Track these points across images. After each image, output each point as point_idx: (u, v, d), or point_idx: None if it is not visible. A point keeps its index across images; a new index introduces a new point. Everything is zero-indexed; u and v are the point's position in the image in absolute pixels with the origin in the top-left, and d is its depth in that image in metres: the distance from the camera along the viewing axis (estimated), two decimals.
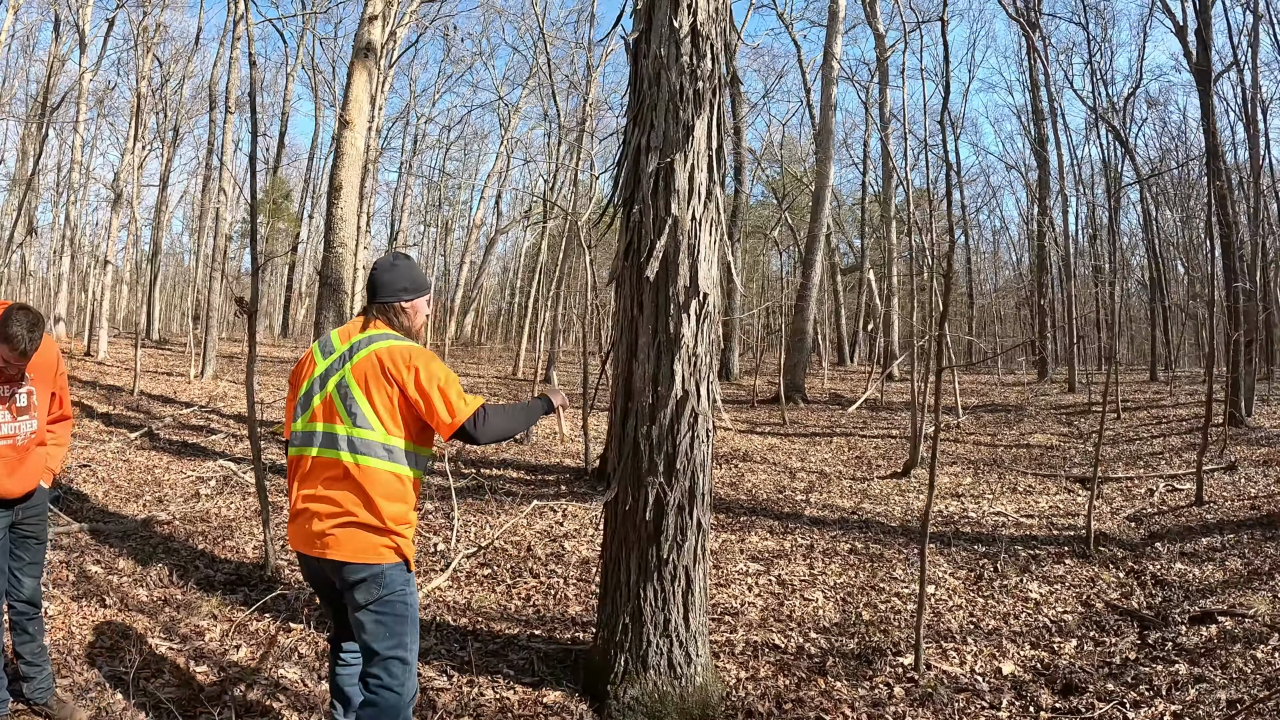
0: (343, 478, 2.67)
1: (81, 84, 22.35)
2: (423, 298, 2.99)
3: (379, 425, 2.68)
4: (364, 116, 8.04)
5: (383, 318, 2.90)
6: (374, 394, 2.69)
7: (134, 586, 4.80)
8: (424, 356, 2.77)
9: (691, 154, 3.37)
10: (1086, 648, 4.49)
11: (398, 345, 2.76)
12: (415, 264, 3.03)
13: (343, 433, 2.69)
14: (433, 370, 2.74)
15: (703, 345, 3.45)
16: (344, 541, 2.63)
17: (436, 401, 2.70)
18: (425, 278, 3.05)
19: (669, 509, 3.33)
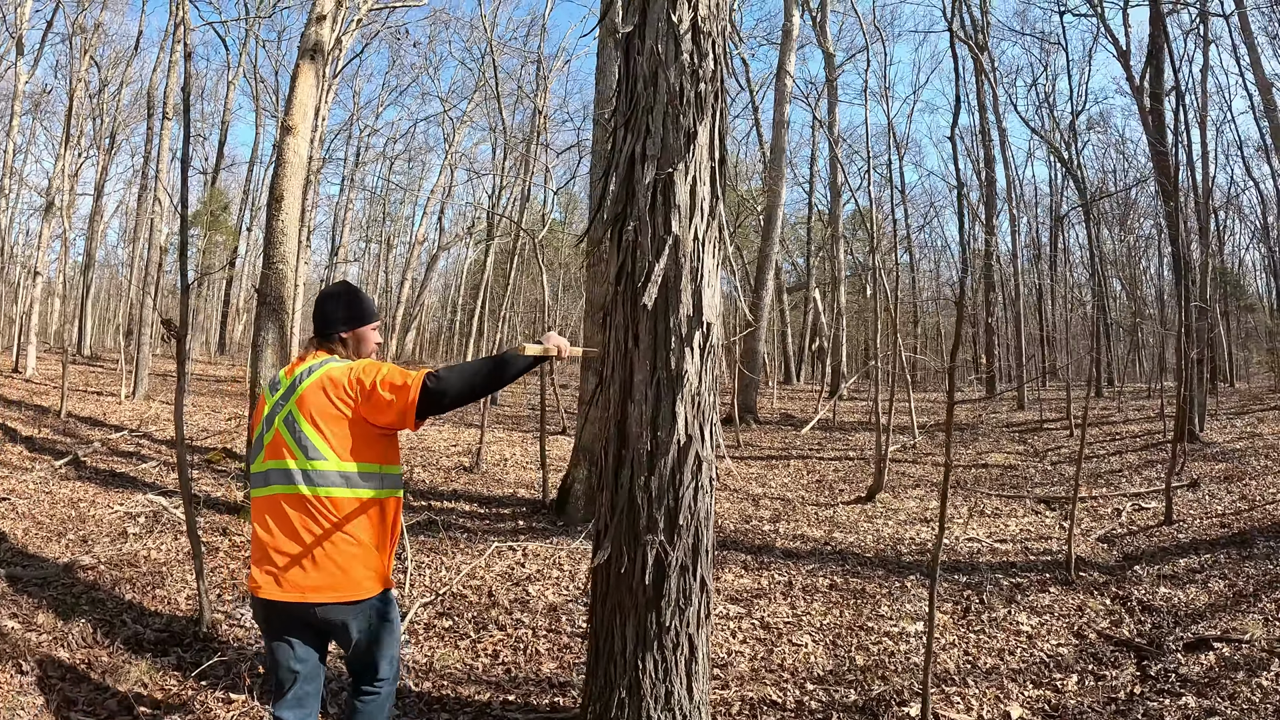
0: (306, 512, 2.62)
1: (17, 86, 21.32)
2: (367, 326, 2.97)
3: (331, 454, 2.63)
4: (308, 122, 7.54)
5: (325, 349, 2.90)
6: (321, 423, 2.65)
7: (54, 646, 4.23)
8: (364, 361, 2.82)
9: (693, 165, 2.97)
10: (1088, 683, 4.34)
11: (338, 365, 2.76)
12: (358, 292, 3.02)
13: (295, 467, 2.63)
14: (370, 365, 2.75)
15: (706, 383, 3.05)
16: (316, 581, 2.60)
17: (382, 389, 2.65)
18: (369, 306, 3.01)
19: (671, 570, 2.91)
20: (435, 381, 2.66)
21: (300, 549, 2.59)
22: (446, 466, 10.89)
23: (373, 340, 2.98)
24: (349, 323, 2.91)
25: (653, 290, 2.91)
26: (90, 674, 3.95)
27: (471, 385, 2.75)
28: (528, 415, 18.67)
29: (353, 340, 2.92)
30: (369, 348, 2.97)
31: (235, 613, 4.94)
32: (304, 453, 2.63)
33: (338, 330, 2.89)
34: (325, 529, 2.61)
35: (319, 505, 2.61)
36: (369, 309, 2.98)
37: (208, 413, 15.15)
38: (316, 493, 2.61)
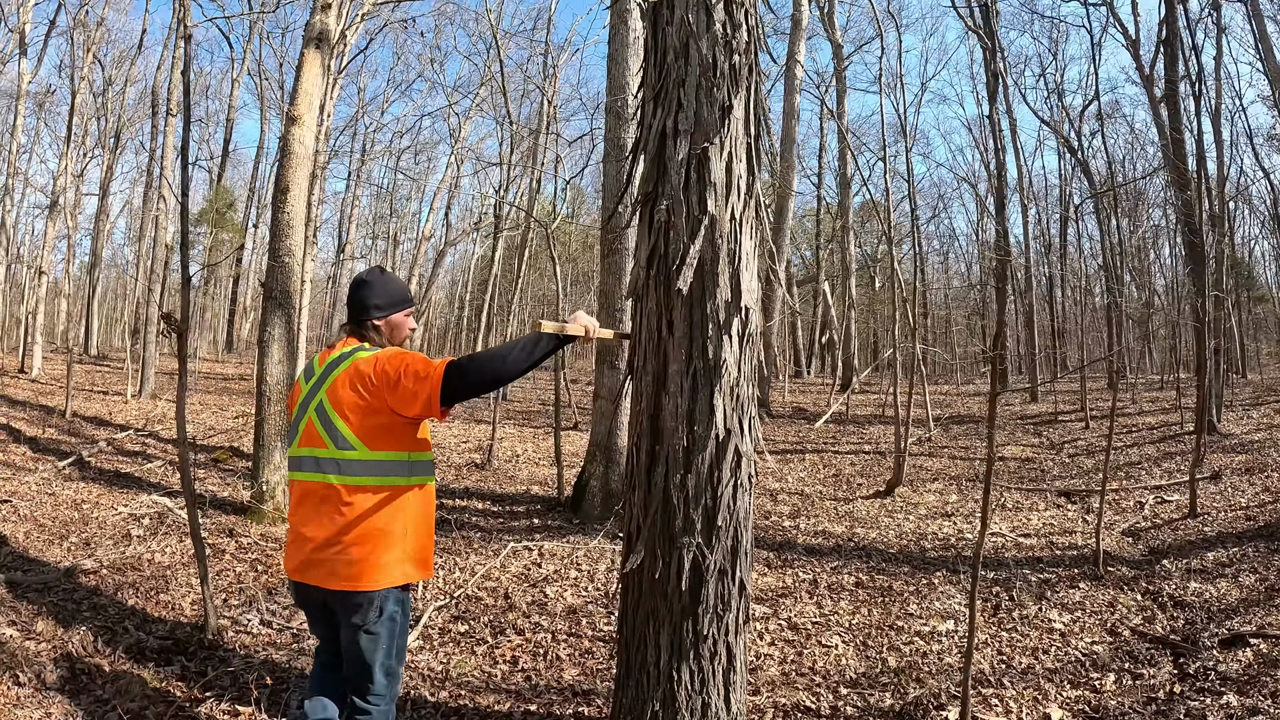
0: (331, 501, 2.61)
1: (20, 86, 21.20)
2: (400, 312, 2.89)
3: (360, 444, 2.60)
4: (314, 113, 7.35)
5: (357, 336, 2.83)
6: (349, 413, 2.61)
7: (54, 655, 4.04)
8: (389, 351, 2.72)
9: (729, 140, 2.76)
10: (1126, 682, 4.21)
11: (365, 355, 2.68)
12: (391, 278, 2.92)
13: (326, 456, 2.63)
14: (395, 355, 2.66)
15: (745, 373, 2.86)
16: (337, 569, 2.58)
17: (406, 379, 2.57)
18: (402, 291, 2.91)
19: (709, 575, 2.72)
20: (458, 370, 2.55)
21: (325, 535, 2.58)
22: (458, 464, 10.74)
23: (406, 327, 2.91)
24: (381, 310, 2.84)
25: (688, 274, 2.71)
26: (91, 685, 3.77)
27: (496, 371, 2.60)
28: (539, 410, 18.51)
29: (386, 327, 2.85)
30: (402, 334, 2.90)
31: (242, 618, 4.75)
32: (333, 442, 2.61)
33: (370, 317, 2.82)
34: (351, 517, 2.58)
35: (347, 493, 2.59)
36: (402, 294, 2.89)
37: (215, 411, 15.02)
38: (345, 482, 2.59)
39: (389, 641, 2.68)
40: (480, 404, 19.62)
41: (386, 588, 2.62)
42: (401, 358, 2.62)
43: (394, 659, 2.72)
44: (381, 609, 2.63)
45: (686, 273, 2.72)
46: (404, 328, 2.90)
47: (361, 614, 2.61)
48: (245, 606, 4.98)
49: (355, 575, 2.57)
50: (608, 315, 7.83)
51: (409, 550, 2.67)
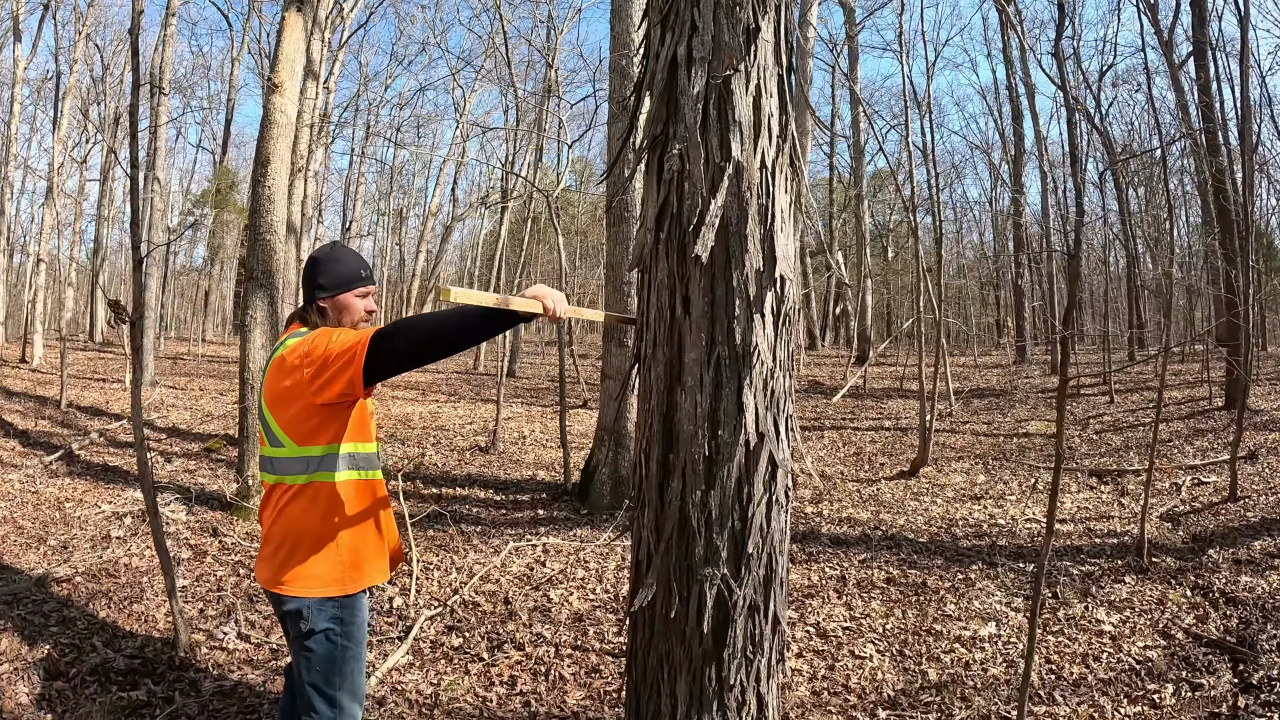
0: (275, 502, 2.42)
1: (16, 72, 20.76)
2: (349, 291, 2.54)
3: (288, 440, 2.38)
4: (296, 80, 6.85)
5: (301, 321, 2.55)
6: (279, 406, 2.38)
7: (14, 679, 3.65)
8: (315, 332, 2.41)
9: (756, 71, 2.21)
10: (1185, 694, 3.83)
11: (293, 341, 2.41)
12: (342, 254, 2.60)
13: (267, 454, 2.45)
14: (321, 335, 2.35)
15: (781, 361, 2.31)
16: (272, 573, 2.38)
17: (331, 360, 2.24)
18: (354, 267, 2.57)
19: (736, 613, 2.20)
20: (383, 340, 2.17)
21: (267, 535, 2.42)
22: (461, 447, 10.35)
23: (358, 309, 2.56)
24: (325, 290, 2.51)
25: (709, 236, 2.16)
26: (48, 716, 3.37)
27: (426, 344, 2.18)
28: (548, 388, 18.10)
29: (332, 309, 2.52)
30: (353, 317, 2.55)
31: (218, 631, 4.33)
32: (269, 439, 2.43)
33: (313, 298, 2.52)
34: (276, 517, 2.40)
35: (279, 493, 2.41)
36: (350, 273, 2.54)
37: (214, 396, 14.66)
38: (281, 480, 2.40)
39: (325, 665, 2.36)
40: (488, 381, 19.22)
41: (312, 597, 2.34)
42: (328, 336, 2.30)
43: (336, 687, 2.38)
44: (308, 622, 2.34)
45: (707, 235, 2.17)
46: (354, 310, 2.55)
47: (291, 623, 2.37)
48: (223, 617, 4.57)
49: (278, 578, 2.35)
50: (615, 290, 7.36)
51: (342, 558, 2.39)
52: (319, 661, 2.34)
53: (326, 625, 2.34)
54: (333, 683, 2.36)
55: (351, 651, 2.40)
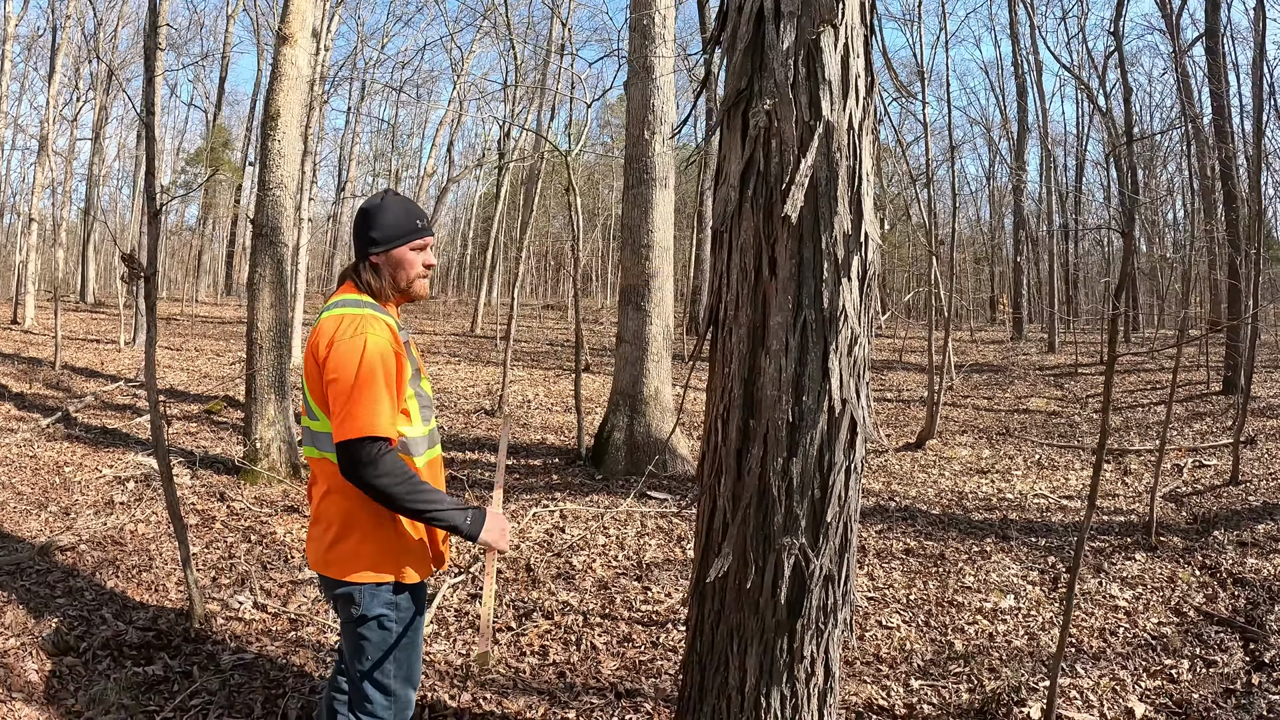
0: (320, 480, 2.23)
1: (6, 29, 20.34)
2: (401, 246, 2.27)
3: (322, 414, 2.15)
4: (307, 30, 6.68)
5: (353, 279, 2.28)
6: (312, 377, 2.16)
7: (21, 655, 3.50)
8: (350, 334, 2.07)
9: (844, 29, 2.11)
10: (1199, 669, 3.89)
11: (334, 315, 2.15)
12: (397, 202, 2.30)
13: (309, 426, 2.22)
14: (347, 354, 2.05)
15: (865, 327, 2.25)
16: (322, 553, 2.19)
17: (333, 397, 2.05)
18: (409, 218, 2.28)
19: (813, 583, 2.16)
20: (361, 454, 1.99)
21: (316, 513, 2.23)
22: (466, 410, 10.30)
23: (416, 264, 2.29)
24: (378, 244, 2.24)
25: (798, 196, 2.07)
26: (61, 691, 3.26)
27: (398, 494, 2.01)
28: (547, 351, 18.05)
29: (386, 265, 2.26)
30: (410, 273, 2.29)
31: (233, 601, 4.22)
32: (309, 411, 2.20)
33: (366, 253, 2.26)
34: (323, 496, 2.19)
35: (323, 470, 2.19)
36: (405, 224, 2.27)
37: (210, 357, 14.55)
38: (325, 456, 2.17)
39: (376, 652, 2.20)
40: (485, 344, 19.14)
41: (365, 582, 2.15)
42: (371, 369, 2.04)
43: (390, 676, 2.23)
44: (360, 608, 2.16)
45: (797, 194, 2.08)
46: (412, 265, 2.29)
47: (342, 607, 2.20)
48: (237, 585, 4.46)
49: (330, 560, 2.16)
50: (633, 253, 7.30)
51: (396, 542, 2.18)
52: (372, 650, 2.19)
53: (381, 611, 2.17)
54: (387, 671, 2.22)
55: (408, 639, 2.24)
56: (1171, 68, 21.64)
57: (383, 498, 2.00)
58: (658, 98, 7.21)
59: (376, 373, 2.03)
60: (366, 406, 1.99)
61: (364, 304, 2.17)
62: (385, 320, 2.14)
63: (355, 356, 2.02)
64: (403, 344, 2.19)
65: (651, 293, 7.29)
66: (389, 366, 2.07)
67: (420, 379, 2.31)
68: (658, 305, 7.33)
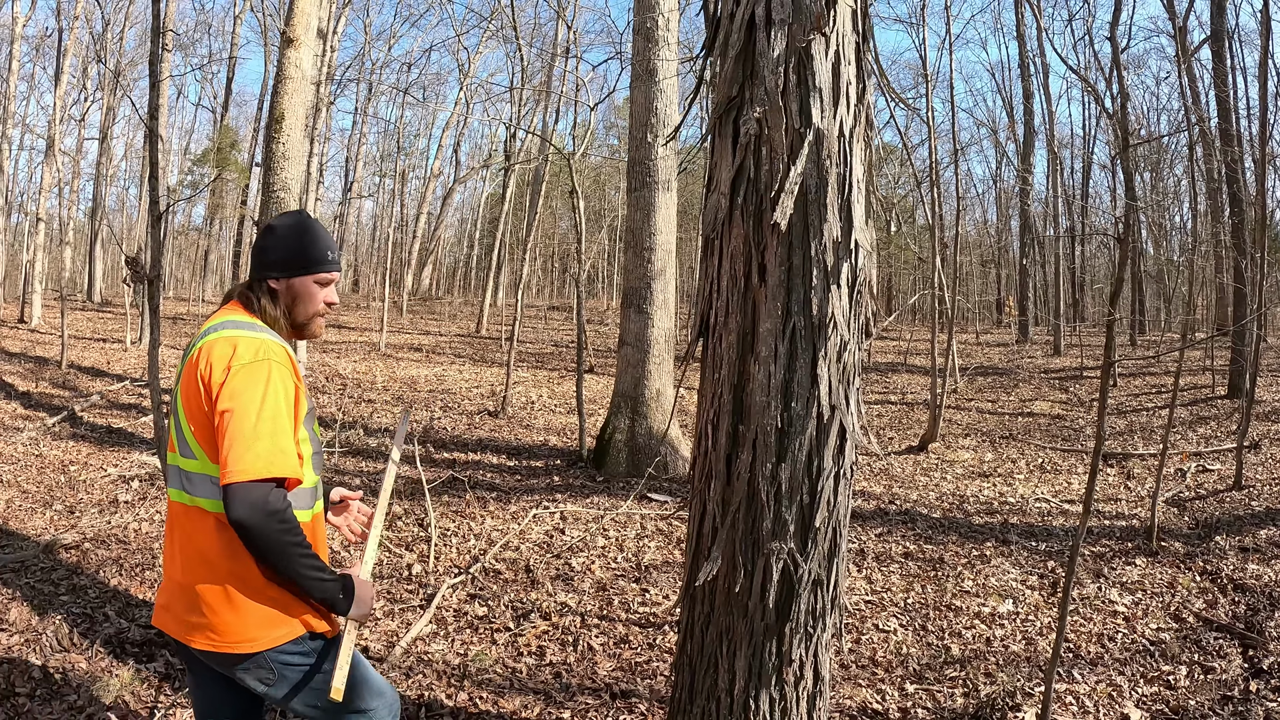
0: (187, 532, 1.88)
1: (15, 29, 20.45)
2: (308, 275, 2.04)
3: (202, 452, 1.84)
4: (311, 33, 6.73)
5: (243, 301, 2.03)
6: (192, 407, 1.85)
7: (25, 650, 3.56)
8: (252, 358, 1.82)
9: (835, 36, 2.14)
10: (1197, 676, 3.88)
11: (226, 337, 1.87)
12: (310, 227, 2.07)
13: (174, 464, 1.92)
14: (250, 381, 1.79)
15: (854, 333, 2.27)
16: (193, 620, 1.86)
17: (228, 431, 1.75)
18: (321, 248, 2.06)
19: (801, 587, 2.19)
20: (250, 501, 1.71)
21: (179, 574, 1.88)
22: (469, 410, 10.33)
23: (319, 300, 2.07)
24: (281, 269, 2.01)
25: (788, 203, 2.11)
26: (64, 688, 3.29)
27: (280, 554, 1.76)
28: (551, 353, 18.08)
29: (285, 294, 2.03)
30: (310, 308, 2.06)
31: None
32: (180, 446, 1.90)
33: (264, 274, 2.02)
34: (199, 554, 1.85)
35: (195, 521, 1.86)
36: (316, 251, 2.04)
37: None
38: (197, 503, 1.85)
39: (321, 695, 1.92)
40: (490, 345, 19.18)
41: (270, 648, 1.87)
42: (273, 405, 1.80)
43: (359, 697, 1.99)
44: (276, 675, 1.89)
45: (786, 202, 2.11)
46: (312, 300, 2.05)
47: (256, 681, 1.90)
48: None
49: (214, 631, 1.85)
50: (635, 255, 7.33)
51: (284, 600, 1.89)
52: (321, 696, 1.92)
53: (303, 662, 1.92)
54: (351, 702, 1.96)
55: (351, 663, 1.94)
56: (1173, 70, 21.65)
57: (274, 551, 1.74)
58: (660, 101, 7.25)
59: (280, 404, 1.81)
60: (270, 442, 1.75)
61: (259, 328, 1.94)
62: (284, 348, 1.93)
63: (259, 384, 1.79)
64: (301, 378, 1.97)
65: (654, 295, 7.32)
66: (290, 401, 1.86)
67: (313, 420, 2.07)
68: (660, 308, 7.36)
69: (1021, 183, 25.41)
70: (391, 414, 9.90)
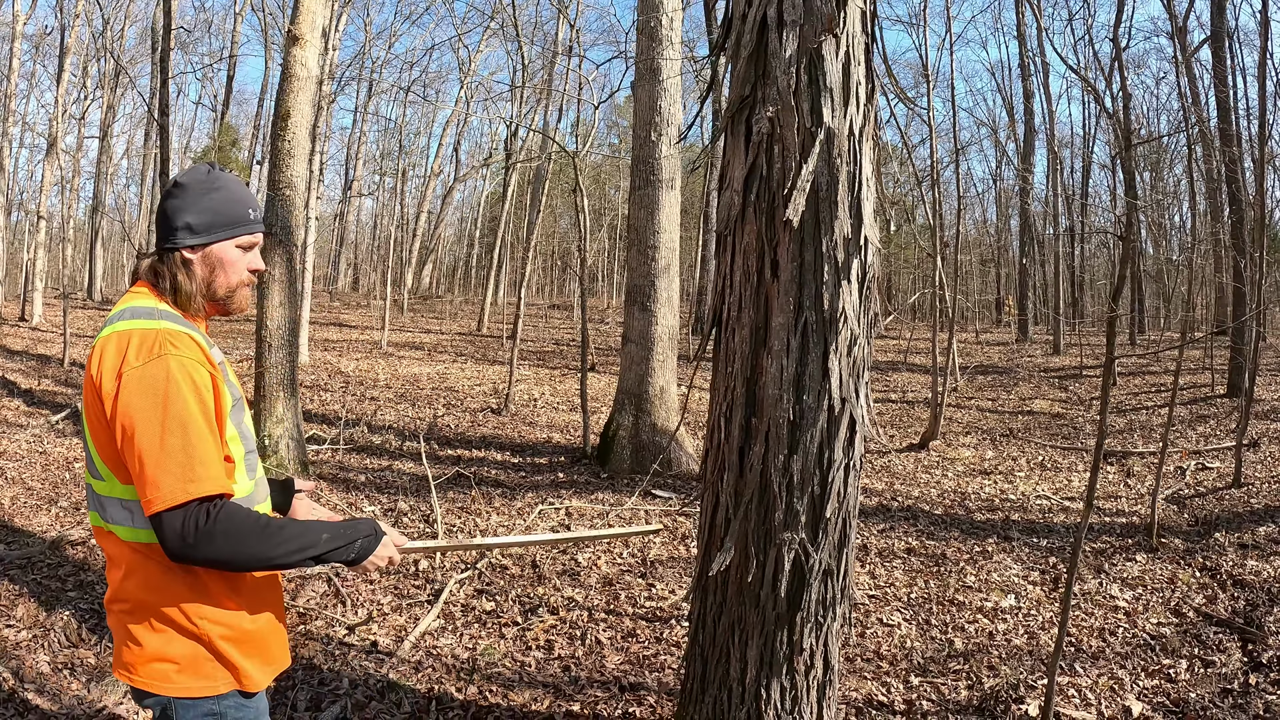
0: (109, 554, 1.61)
1: (15, 27, 20.47)
2: (226, 240, 1.69)
3: (108, 473, 1.54)
4: (317, 31, 6.75)
5: (149, 280, 1.67)
6: (93, 421, 1.55)
7: (34, 647, 3.58)
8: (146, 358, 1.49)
9: (845, 37, 2.19)
10: (1197, 669, 3.93)
11: (119, 331, 1.54)
12: (224, 183, 1.71)
13: (90, 484, 1.62)
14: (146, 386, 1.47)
15: (864, 327, 2.32)
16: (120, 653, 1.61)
17: (131, 450, 1.46)
18: (237, 204, 1.70)
19: (812, 577, 2.22)
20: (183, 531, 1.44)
21: (110, 599, 1.63)
22: (472, 408, 10.38)
23: (240, 268, 1.72)
24: (195, 232, 1.66)
25: (800, 201, 2.14)
26: (72, 684, 3.32)
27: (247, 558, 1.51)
28: (552, 351, 18.12)
29: (202, 264, 1.68)
30: (233, 278, 1.71)
31: None
32: (89, 465, 1.61)
33: (174, 243, 1.65)
34: (118, 580, 1.58)
35: (114, 548, 1.59)
36: (235, 209, 1.70)
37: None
38: (112, 530, 1.57)
39: None
40: (493, 343, 19.21)
41: (172, 696, 1.57)
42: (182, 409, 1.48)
43: None
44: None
45: (798, 199, 2.15)
46: (233, 269, 1.71)
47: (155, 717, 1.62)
48: None
49: (131, 662, 1.58)
50: (639, 253, 7.38)
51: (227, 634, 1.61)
52: None
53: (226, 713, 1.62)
54: None
55: None
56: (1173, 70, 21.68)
57: (241, 563, 1.50)
58: (664, 100, 7.29)
59: (190, 407, 1.48)
60: (184, 457, 1.45)
61: (160, 313, 1.59)
62: (191, 335, 1.58)
63: (158, 388, 1.47)
64: (216, 363, 1.62)
65: (657, 293, 7.36)
66: (205, 398, 1.52)
67: (243, 411, 1.71)
68: (663, 305, 7.40)
69: (1022, 182, 25.45)
70: (395, 411, 9.94)
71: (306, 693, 3.30)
